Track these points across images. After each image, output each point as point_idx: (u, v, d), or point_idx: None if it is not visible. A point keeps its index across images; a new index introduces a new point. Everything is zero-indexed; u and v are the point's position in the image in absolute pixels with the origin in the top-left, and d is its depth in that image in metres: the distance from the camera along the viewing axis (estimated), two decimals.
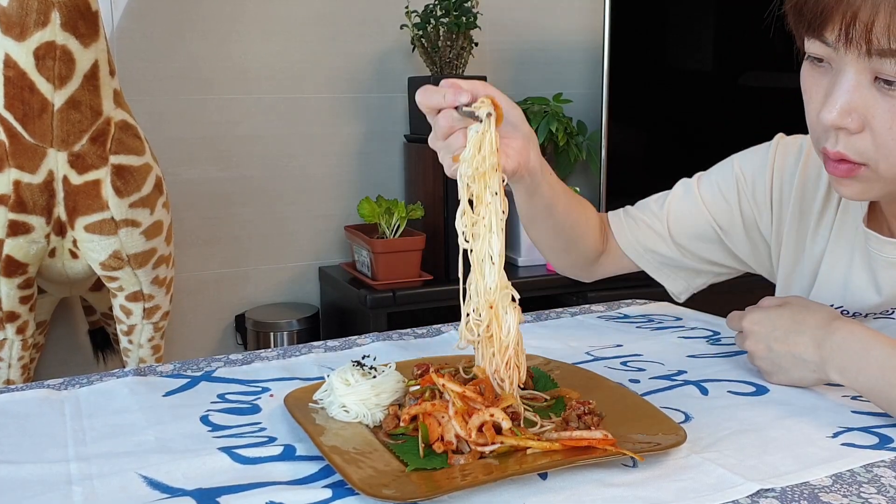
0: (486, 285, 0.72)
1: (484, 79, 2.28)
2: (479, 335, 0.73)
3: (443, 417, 0.68)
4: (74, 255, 1.68)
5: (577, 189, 2.47)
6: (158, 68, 2.20)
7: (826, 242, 0.93)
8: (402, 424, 0.70)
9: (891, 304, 0.87)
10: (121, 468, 0.67)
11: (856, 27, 0.67)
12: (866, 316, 0.89)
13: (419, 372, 0.77)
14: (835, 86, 0.72)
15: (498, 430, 0.67)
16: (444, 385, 0.70)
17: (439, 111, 0.76)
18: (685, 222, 1.01)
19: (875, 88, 0.70)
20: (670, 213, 1.02)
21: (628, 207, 1.06)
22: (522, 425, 0.69)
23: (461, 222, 0.72)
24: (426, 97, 0.77)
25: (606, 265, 1.07)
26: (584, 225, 1.01)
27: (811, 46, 0.74)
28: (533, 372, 0.82)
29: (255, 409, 0.80)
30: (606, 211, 1.07)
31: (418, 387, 0.75)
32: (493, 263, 0.71)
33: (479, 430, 0.67)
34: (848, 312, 0.90)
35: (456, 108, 0.75)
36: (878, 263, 0.86)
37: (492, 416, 0.67)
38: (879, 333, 0.77)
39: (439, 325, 1.08)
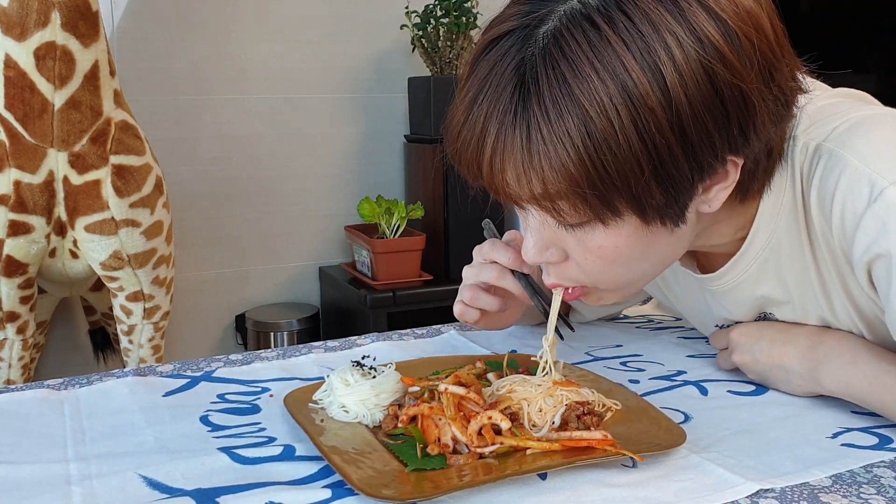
0: None
1: None
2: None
3: (440, 420, 0.68)
4: (75, 255, 1.68)
5: None
6: (158, 68, 2.20)
7: (675, 279, 0.93)
8: (400, 425, 0.70)
9: (750, 318, 0.86)
10: (120, 468, 0.67)
11: (495, 182, 0.65)
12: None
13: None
14: (527, 226, 0.71)
15: (497, 431, 0.67)
16: (446, 389, 0.70)
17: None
18: None
19: (559, 227, 0.68)
20: None
21: None
22: (526, 425, 0.69)
23: None
24: (494, 252, 0.83)
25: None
26: None
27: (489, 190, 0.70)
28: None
29: (255, 410, 0.80)
30: None
31: (417, 388, 0.75)
32: None
33: (479, 433, 0.67)
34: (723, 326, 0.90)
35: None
36: (713, 294, 0.86)
37: (489, 418, 0.67)
38: (866, 343, 0.77)
39: (439, 325, 1.08)
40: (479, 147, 0.64)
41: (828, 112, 0.73)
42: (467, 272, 0.86)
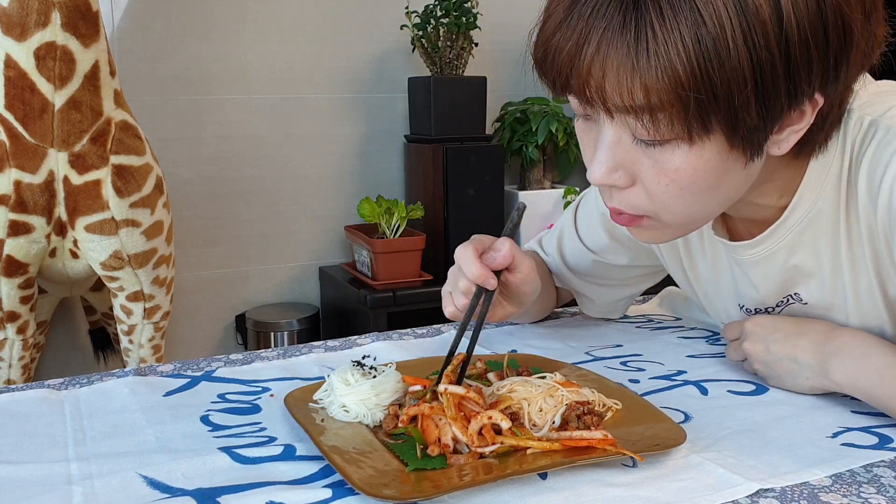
0: None
1: (483, 82, 2.30)
2: None
3: (440, 420, 0.68)
4: (75, 255, 1.68)
5: (577, 189, 2.47)
6: (158, 68, 2.20)
7: (702, 255, 0.92)
8: (400, 425, 0.70)
9: (776, 296, 0.86)
10: (121, 468, 0.67)
11: (590, 88, 0.64)
12: (766, 310, 0.89)
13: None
14: (598, 143, 0.69)
15: (498, 431, 0.67)
16: (445, 389, 0.70)
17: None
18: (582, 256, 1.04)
19: (636, 145, 0.67)
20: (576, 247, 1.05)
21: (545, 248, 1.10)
22: (527, 425, 0.69)
23: None
24: (466, 263, 0.82)
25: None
26: (553, 297, 1.10)
27: (571, 101, 0.69)
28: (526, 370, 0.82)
29: (256, 409, 0.80)
30: None
31: (419, 388, 0.75)
32: None
33: (479, 433, 0.67)
34: (749, 310, 0.90)
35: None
36: (743, 265, 0.86)
37: (490, 418, 0.67)
38: (880, 340, 0.77)
39: (439, 325, 1.08)
40: (579, 47, 0.63)
41: (884, 94, 0.74)
42: (451, 273, 0.87)
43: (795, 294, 0.84)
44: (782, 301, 0.86)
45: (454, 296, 0.85)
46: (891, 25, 0.69)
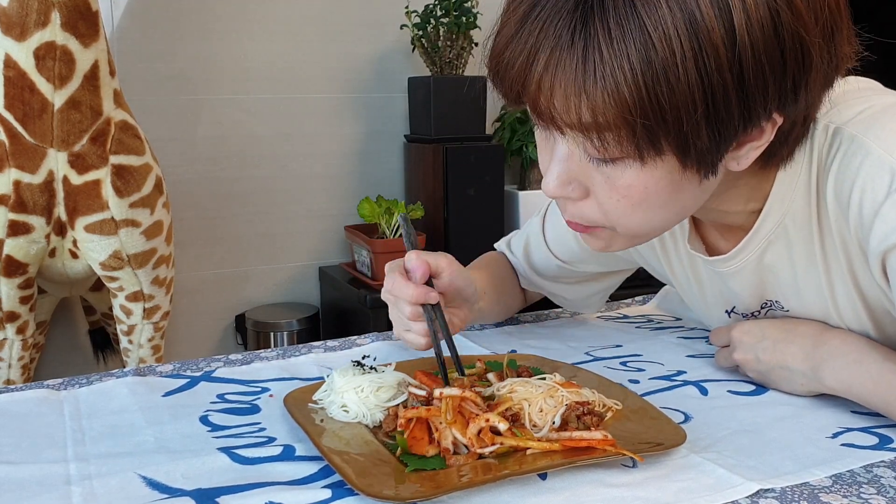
0: None
1: (483, 82, 2.29)
2: None
3: (440, 423, 0.68)
4: (74, 255, 1.68)
5: None
6: (158, 68, 2.20)
7: (681, 266, 0.92)
8: (398, 429, 0.69)
9: (756, 303, 0.86)
10: (120, 468, 0.67)
11: (540, 105, 0.63)
12: (752, 314, 0.88)
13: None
14: (552, 155, 0.69)
15: (497, 432, 0.67)
16: (441, 393, 0.70)
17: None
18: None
19: (588, 160, 0.66)
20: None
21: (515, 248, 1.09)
22: (527, 425, 0.69)
23: None
24: (395, 290, 0.85)
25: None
26: (518, 297, 1.10)
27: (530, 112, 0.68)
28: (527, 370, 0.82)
29: (255, 410, 0.80)
30: None
31: (423, 391, 0.74)
32: None
33: (478, 435, 0.67)
34: (739, 314, 0.90)
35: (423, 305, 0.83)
36: (721, 276, 0.85)
37: (487, 420, 0.67)
38: (871, 343, 0.77)
39: None
40: (528, 64, 0.62)
41: (851, 96, 0.73)
42: (392, 313, 0.88)
43: (776, 302, 0.84)
44: (765, 304, 0.86)
45: (412, 331, 0.85)
46: (861, 40, 0.68)
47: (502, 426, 0.67)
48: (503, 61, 0.64)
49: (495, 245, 1.12)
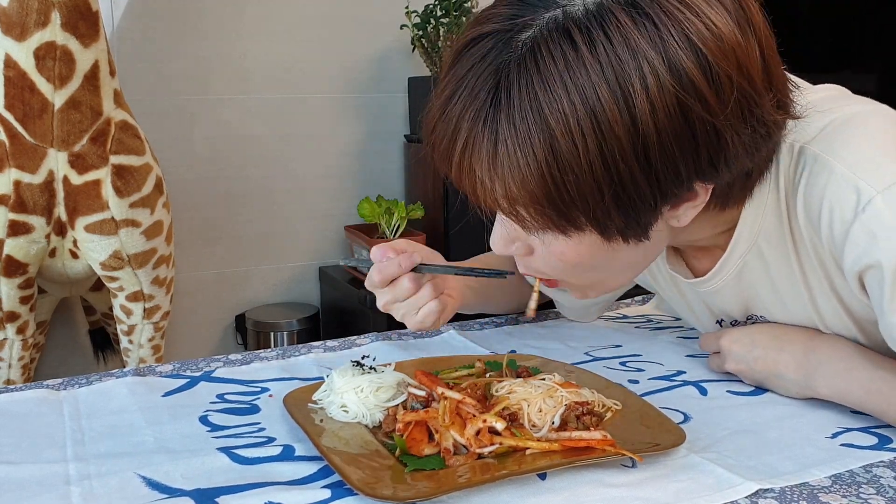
0: None
1: None
2: None
3: (440, 425, 0.68)
4: (75, 255, 1.68)
5: None
6: (158, 68, 2.20)
7: (665, 283, 0.93)
8: (396, 432, 0.69)
9: (742, 316, 0.86)
10: (119, 468, 0.67)
11: (463, 185, 0.66)
12: (743, 321, 0.88)
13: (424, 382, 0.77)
14: (498, 217, 0.70)
15: (495, 432, 0.67)
16: (441, 394, 0.70)
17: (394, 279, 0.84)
18: None
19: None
20: None
21: None
22: (526, 425, 0.69)
23: None
24: (384, 273, 0.84)
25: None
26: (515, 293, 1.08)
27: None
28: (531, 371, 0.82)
29: (255, 410, 0.80)
30: None
31: (423, 391, 0.74)
32: None
33: (476, 436, 0.67)
34: (728, 322, 0.90)
35: (414, 269, 0.84)
36: (702, 295, 0.86)
37: (485, 421, 0.67)
38: (860, 348, 0.77)
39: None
40: (450, 145, 0.64)
41: (816, 109, 0.72)
42: (397, 310, 0.87)
43: (760, 317, 0.84)
44: (750, 317, 0.86)
45: (422, 307, 0.86)
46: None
47: (500, 425, 0.67)
48: (431, 140, 0.67)
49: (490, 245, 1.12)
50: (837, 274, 0.73)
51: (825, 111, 0.72)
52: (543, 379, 0.76)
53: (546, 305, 1.15)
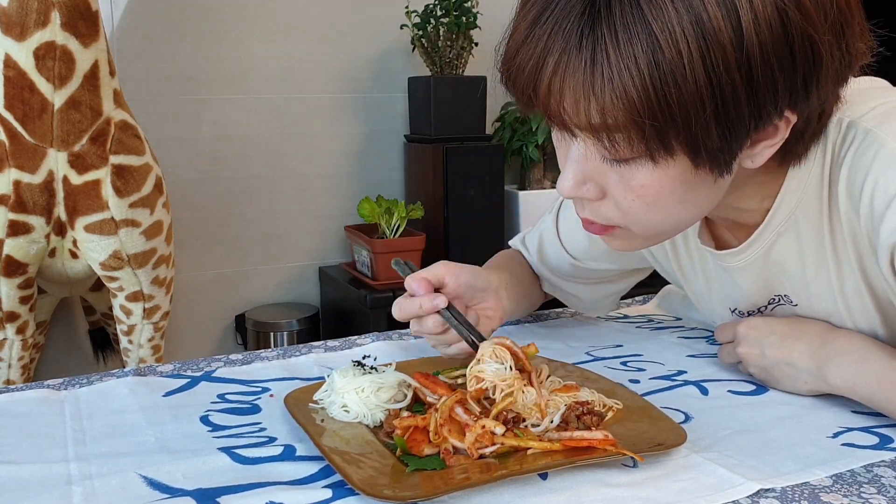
0: None
1: (483, 82, 2.29)
2: None
3: (440, 428, 0.68)
4: (74, 255, 1.68)
5: None
6: (158, 68, 2.20)
7: (689, 261, 0.92)
8: (395, 436, 0.69)
9: (764, 298, 0.86)
10: (120, 468, 0.67)
11: (550, 108, 0.63)
12: (758, 311, 0.88)
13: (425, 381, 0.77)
14: (567, 156, 0.69)
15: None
16: (435, 408, 0.70)
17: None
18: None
19: (602, 160, 0.66)
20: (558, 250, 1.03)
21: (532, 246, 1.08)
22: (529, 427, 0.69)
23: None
24: (404, 312, 0.83)
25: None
26: (539, 292, 1.09)
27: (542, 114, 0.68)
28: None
29: (255, 410, 0.80)
30: None
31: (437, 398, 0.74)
32: None
33: (475, 442, 0.66)
34: (742, 312, 0.90)
35: (438, 311, 0.82)
36: (730, 271, 0.85)
37: (483, 427, 0.67)
38: (876, 342, 0.77)
39: None
40: (538, 67, 0.62)
41: (864, 94, 0.73)
42: (427, 340, 0.87)
43: (785, 296, 0.84)
44: (773, 299, 0.85)
45: (452, 344, 0.85)
46: (876, 35, 0.68)
47: (499, 430, 0.66)
48: (514, 66, 0.64)
49: (510, 242, 1.11)
50: (869, 253, 0.74)
51: (875, 95, 0.73)
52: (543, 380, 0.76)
53: (547, 305, 1.15)
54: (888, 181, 0.68)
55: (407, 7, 2.29)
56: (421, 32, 2.29)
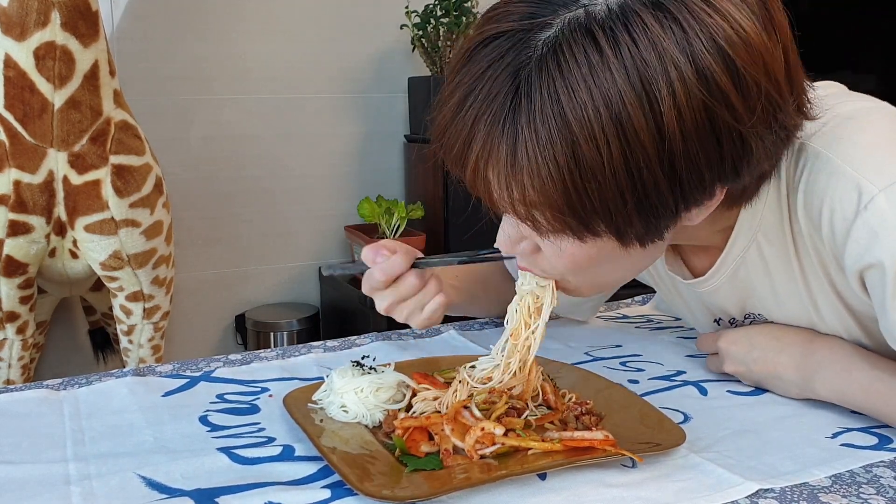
0: None
1: None
2: None
3: (442, 430, 0.68)
4: (74, 255, 1.68)
5: None
6: (158, 68, 2.20)
7: (663, 283, 0.92)
8: (394, 436, 0.69)
9: (738, 313, 0.86)
10: (119, 468, 0.67)
11: (478, 188, 0.64)
12: (740, 321, 0.88)
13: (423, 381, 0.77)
14: (505, 217, 0.69)
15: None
16: (433, 417, 0.70)
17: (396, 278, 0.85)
18: None
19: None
20: None
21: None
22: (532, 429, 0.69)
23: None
24: (387, 272, 0.86)
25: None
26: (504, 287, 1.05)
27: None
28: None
29: (254, 410, 0.80)
30: None
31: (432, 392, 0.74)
32: None
33: (475, 444, 0.66)
34: (724, 322, 0.89)
35: (413, 265, 0.84)
36: (700, 295, 0.85)
37: (482, 429, 0.67)
38: (859, 350, 0.76)
39: (438, 325, 1.07)
40: (464, 149, 0.62)
41: (819, 104, 0.71)
42: (401, 310, 0.87)
43: (758, 315, 0.84)
44: (748, 315, 0.86)
45: (428, 302, 0.86)
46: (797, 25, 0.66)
47: (499, 431, 0.66)
48: (444, 143, 0.65)
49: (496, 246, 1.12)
50: (838, 272, 0.73)
51: (825, 108, 0.70)
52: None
53: None
54: (845, 207, 0.67)
55: (407, 7, 2.29)
56: (421, 32, 2.29)
